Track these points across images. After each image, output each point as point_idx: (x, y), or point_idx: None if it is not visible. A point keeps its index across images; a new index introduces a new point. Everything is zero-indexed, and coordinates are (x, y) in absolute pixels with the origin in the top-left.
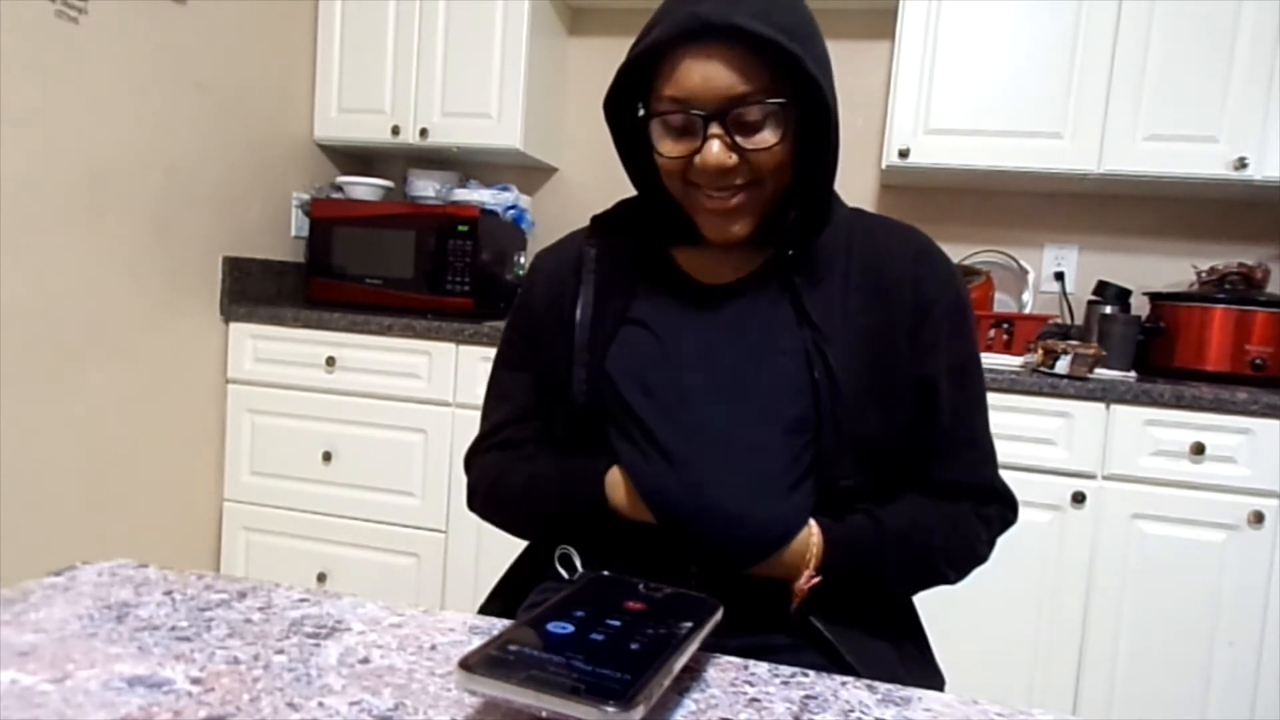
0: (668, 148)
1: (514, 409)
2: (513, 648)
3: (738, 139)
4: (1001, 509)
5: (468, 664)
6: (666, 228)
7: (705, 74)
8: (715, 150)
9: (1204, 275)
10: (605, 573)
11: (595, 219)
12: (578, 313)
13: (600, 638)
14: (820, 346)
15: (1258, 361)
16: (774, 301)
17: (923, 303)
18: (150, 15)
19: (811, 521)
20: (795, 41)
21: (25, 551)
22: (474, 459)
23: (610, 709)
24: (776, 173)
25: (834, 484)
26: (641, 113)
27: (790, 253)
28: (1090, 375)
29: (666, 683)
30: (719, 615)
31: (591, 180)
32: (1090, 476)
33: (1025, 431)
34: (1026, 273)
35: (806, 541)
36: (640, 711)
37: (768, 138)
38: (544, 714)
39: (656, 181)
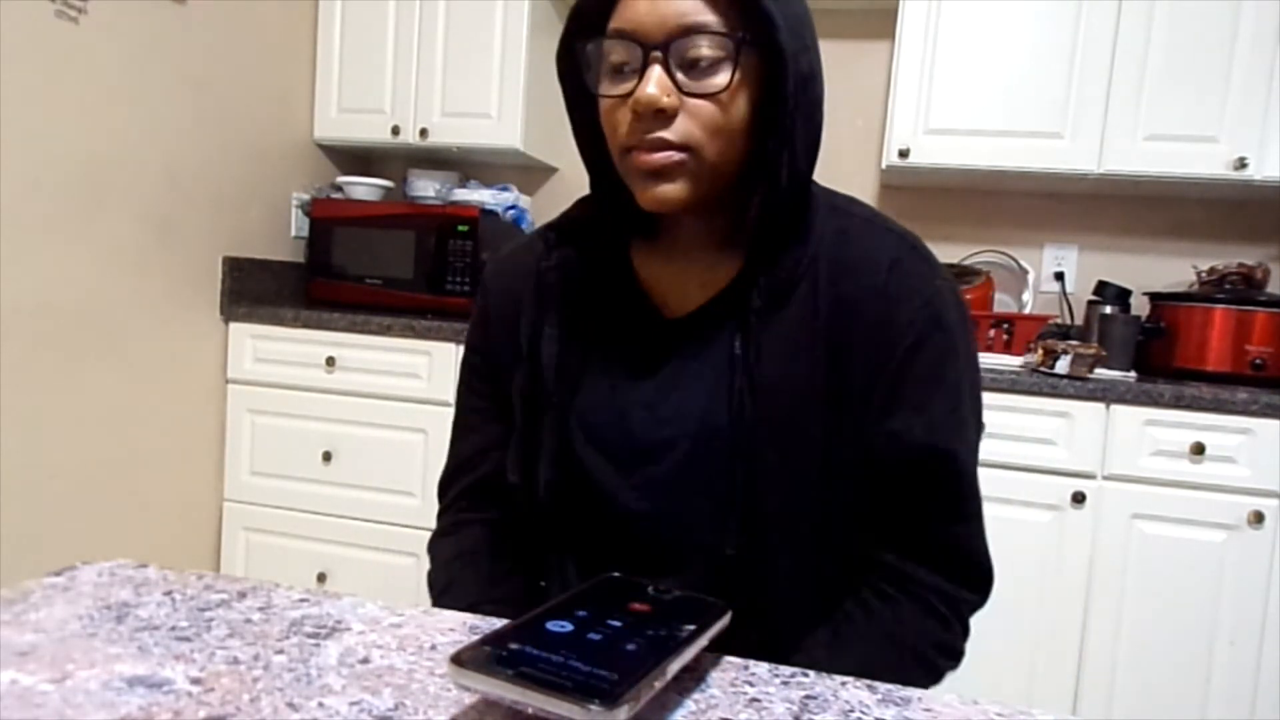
0: (607, 84)
1: (480, 440)
2: (507, 644)
3: (680, 77)
4: (975, 590)
5: (459, 659)
6: (624, 225)
7: (650, 4)
8: (650, 84)
9: (1204, 275)
10: (616, 574)
11: (551, 230)
12: (542, 354)
13: (597, 638)
14: (744, 404)
15: (1258, 361)
16: (729, 339)
17: (890, 337)
18: (150, 15)
19: None
20: None
21: (25, 551)
22: (444, 498)
23: (594, 708)
24: (720, 135)
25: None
26: (589, 46)
27: (756, 271)
28: (1090, 375)
29: (659, 685)
30: (725, 620)
31: None
32: (1090, 476)
33: (1025, 431)
34: (1026, 273)
35: None
36: (625, 712)
37: (713, 82)
38: (530, 710)
39: (610, 160)
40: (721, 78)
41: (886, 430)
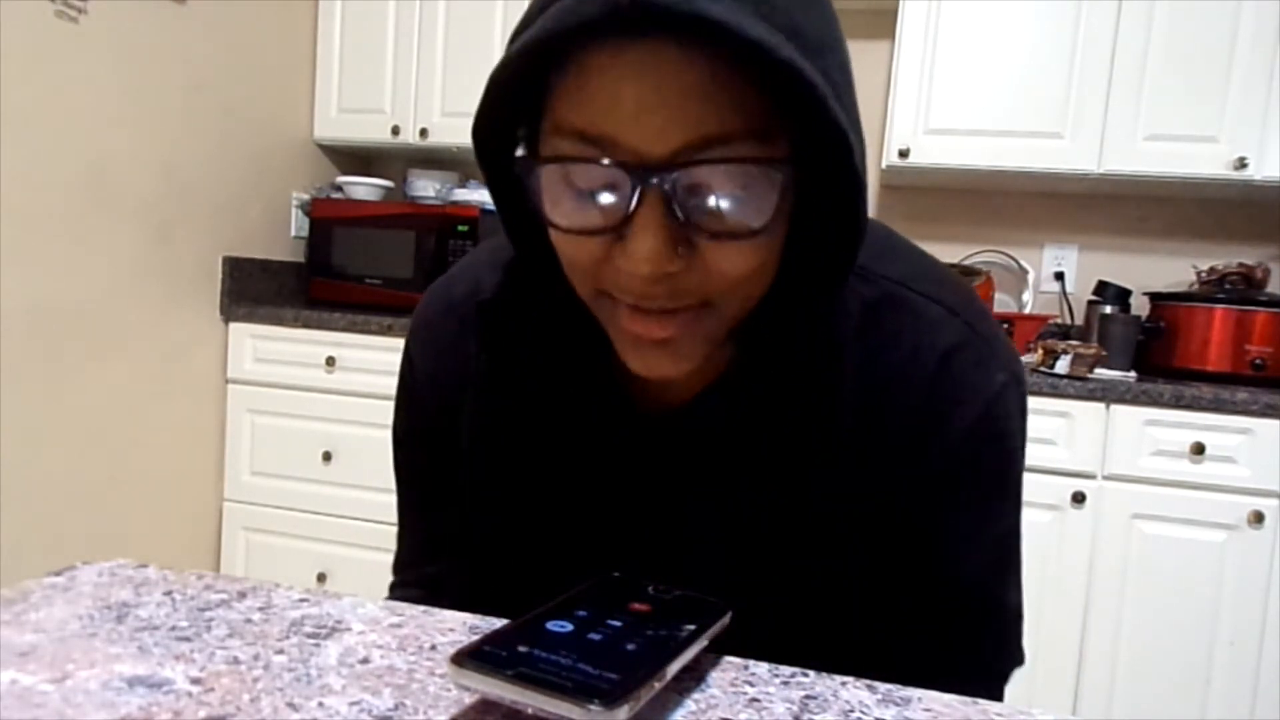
0: (566, 215)
1: (425, 538)
2: (507, 644)
3: (693, 219)
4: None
5: (459, 659)
6: (579, 322)
7: (639, 97)
8: (648, 245)
9: (1204, 275)
10: (616, 574)
11: (483, 312)
12: (485, 472)
13: (598, 638)
14: (761, 530)
15: (1258, 361)
16: (734, 440)
17: (937, 449)
18: (150, 15)
19: None
20: (810, 56)
21: (25, 551)
22: (396, 575)
23: (594, 708)
24: (751, 280)
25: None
26: (520, 151)
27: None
28: (1090, 375)
29: (659, 685)
30: (726, 619)
31: None
32: (1090, 476)
33: None
34: (1026, 273)
35: None
36: (625, 712)
37: (745, 222)
38: (530, 710)
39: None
40: (755, 213)
41: (922, 561)
